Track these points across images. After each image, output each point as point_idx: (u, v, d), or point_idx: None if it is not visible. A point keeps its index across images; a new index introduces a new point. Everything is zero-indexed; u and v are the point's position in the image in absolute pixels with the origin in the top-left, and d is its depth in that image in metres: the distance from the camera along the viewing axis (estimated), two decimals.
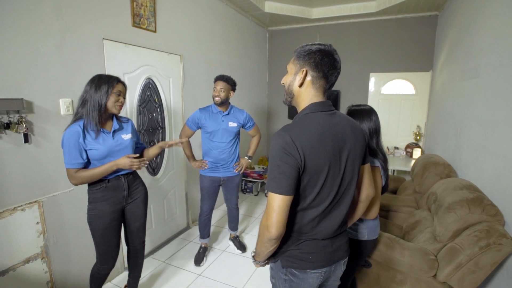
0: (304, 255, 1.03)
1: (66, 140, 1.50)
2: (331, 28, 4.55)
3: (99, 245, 1.70)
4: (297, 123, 0.98)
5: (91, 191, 1.65)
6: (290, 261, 1.05)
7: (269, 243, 0.97)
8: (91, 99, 1.52)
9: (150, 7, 2.47)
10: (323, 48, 0.99)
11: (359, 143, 1.05)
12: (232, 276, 2.41)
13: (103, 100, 1.54)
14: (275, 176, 0.92)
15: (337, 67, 1.00)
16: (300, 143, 0.91)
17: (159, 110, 2.76)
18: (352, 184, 1.05)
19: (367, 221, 1.51)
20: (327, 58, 0.98)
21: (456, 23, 2.97)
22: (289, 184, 0.91)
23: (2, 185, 1.59)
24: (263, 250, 1.02)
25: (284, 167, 0.91)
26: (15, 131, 1.59)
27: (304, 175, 0.94)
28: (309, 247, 1.03)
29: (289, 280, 1.07)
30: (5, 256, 1.62)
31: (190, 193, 3.25)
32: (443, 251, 1.67)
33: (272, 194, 0.93)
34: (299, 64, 1.02)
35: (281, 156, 0.91)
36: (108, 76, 1.59)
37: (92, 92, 1.53)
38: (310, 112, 1.00)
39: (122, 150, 1.67)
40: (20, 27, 1.60)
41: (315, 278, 1.06)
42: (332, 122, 0.99)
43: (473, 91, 2.31)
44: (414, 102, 4.23)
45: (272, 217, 0.92)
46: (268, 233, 0.94)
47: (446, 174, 2.44)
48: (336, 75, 1.01)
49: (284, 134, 0.93)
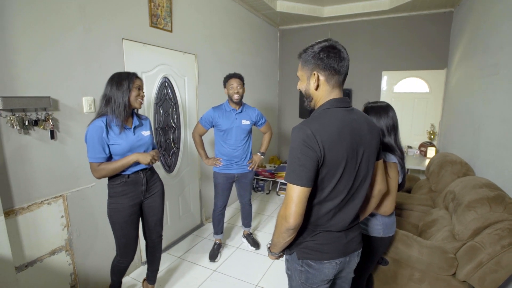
0: (319, 246, 1.07)
1: (90, 135, 1.55)
2: (342, 26, 4.53)
3: (119, 238, 1.75)
4: (317, 117, 1.01)
5: (111, 185, 1.70)
6: (305, 252, 1.08)
7: (286, 233, 1.00)
8: (115, 97, 1.57)
9: (167, 7, 2.52)
10: (324, 45, 1.01)
11: (374, 139, 1.09)
12: (246, 272, 2.43)
13: (126, 97, 1.59)
14: (295, 168, 0.95)
15: (344, 57, 1.01)
16: (320, 136, 0.94)
17: (174, 108, 2.81)
18: (367, 179, 1.08)
19: (383, 218, 1.51)
20: (333, 53, 1.00)
21: (473, 19, 2.92)
22: (308, 176, 0.94)
23: (30, 179, 1.65)
24: (280, 240, 1.05)
25: (304, 160, 0.94)
26: (42, 128, 1.66)
27: (322, 168, 0.97)
28: (324, 239, 1.07)
29: (305, 271, 1.10)
30: (33, 248, 1.69)
31: (204, 190, 3.30)
32: (463, 250, 1.65)
33: (292, 186, 0.96)
34: (308, 69, 1.05)
35: (302, 148, 0.94)
36: (126, 73, 1.64)
37: (114, 90, 1.58)
38: (330, 107, 1.03)
39: (142, 145, 1.73)
40: (47, 28, 1.66)
41: (330, 269, 1.09)
42: (350, 118, 1.03)
43: (492, 88, 2.28)
44: (428, 100, 4.18)
45: (291, 207, 0.95)
46: (287, 223, 0.97)
47: (464, 172, 2.41)
48: (347, 64, 1.03)
49: (305, 128, 0.95)
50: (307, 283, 1.11)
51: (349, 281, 1.25)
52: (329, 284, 1.15)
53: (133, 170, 1.71)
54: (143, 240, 1.99)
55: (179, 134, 2.90)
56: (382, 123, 1.47)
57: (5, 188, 1.54)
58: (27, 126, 1.59)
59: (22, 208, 1.62)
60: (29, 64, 1.60)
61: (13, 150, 1.57)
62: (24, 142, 1.61)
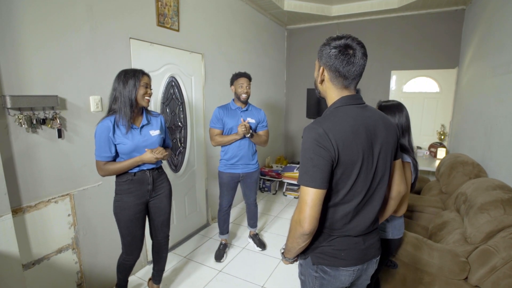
0: (336, 252, 1.01)
1: (98, 134, 1.56)
2: (351, 25, 4.48)
3: (124, 236, 1.75)
4: (328, 116, 0.97)
5: (118, 183, 1.70)
6: (321, 257, 1.03)
7: (301, 238, 0.95)
8: (121, 96, 1.57)
9: (174, 6, 2.52)
10: (339, 44, 0.96)
11: (391, 137, 1.03)
12: (252, 273, 2.41)
13: (132, 95, 1.58)
14: (308, 170, 0.90)
15: (354, 62, 0.94)
16: (333, 135, 0.89)
17: (181, 107, 2.81)
18: (385, 179, 1.03)
19: (392, 220, 1.48)
20: (343, 55, 0.94)
21: (486, 16, 2.84)
22: (322, 177, 0.89)
23: (38, 178, 1.67)
24: (294, 246, 1.00)
25: (317, 160, 0.89)
26: (50, 127, 1.67)
27: (337, 169, 0.92)
28: (342, 244, 1.01)
29: (320, 277, 1.04)
30: (41, 246, 1.70)
31: (210, 190, 3.29)
32: (475, 253, 1.60)
33: (305, 188, 0.91)
34: (319, 61, 1.03)
35: (314, 148, 0.89)
36: (133, 70, 1.62)
37: (121, 88, 1.57)
38: (341, 105, 0.99)
39: (148, 146, 1.70)
40: (54, 27, 1.67)
41: (347, 276, 1.03)
42: (364, 115, 0.98)
43: (506, 87, 2.21)
44: (438, 100, 4.09)
45: (305, 211, 0.90)
46: (301, 228, 0.92)
47: (475, 174, 2.35)
48: (356, 69, 0.96)
49: (316, 127, 0.91)
50: None
51: None
52: None
53: (139, 168, 1.71)
54: (149, 240, 1.98)
55: (186, 133, 2.90)
56: (397, 122, 1.43)
57: (13, 186, 1.56)
58: (35, 125, 1.60)
59: (29, 206, 1.63)
60: (36, 63, 1.61)
61: (21, 148, 1.58)
62: (32, 140, 1.62)
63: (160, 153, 1.66)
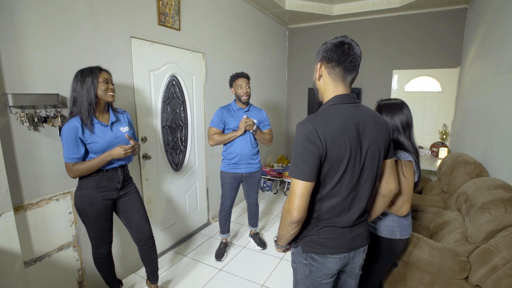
0: (323, 241, 1.08)
1: (64, 135, 1.52)
2: (352, 24, 4.47)
3: (94, 230, 1.71)
4: (321, 113, 1.02)
5: (86, 177, 1.64)
6: (310, 246, 1.09)
7: (290, 226, 1.03)
8: (80, 96, 1.53)
9: (175, 5, 2.53)
10: (335, 41, 1.02)
11: (382, 136, 1.06)
12: (253, 272, 2.42)
13: (91, 93, 1.54)
14: (298, 163, 0.96)
15: (349, 53, 1.00)
16: (322, 132, 0.95)
17: (182, 106, 2.81)
18: (371, 176, 1.07)
19: (399, 219, 1.46)
20: (338, 48, 1.00)
21: (488, 15, 2.83)
22: (310, 171, 0.95)
23: (39, 175, 1.68)
24: (285, 233, 1.07)
25: (306, 155, 0.95)
26: (51, 125, 1.68)
27: (325, 164, 0.98)
28: (329, 233, 1.07)
29: (309, 264, 1.11)
30: (42, 243, 1.71)
31: (211, 189, 3.30)
32: (476, 253, 1.60)
33: (295, 180, 0.97)
34: (317, 60, 1.08)
35: (304, 144, 0.95)
36: (90, 68, 1.58)
37: (79, 89, 1.54)
38: (334, 103, 1.04)
39: (121, 142, 1.68)
40: (56, 26, 1.69)
41: (334, 263, 1.09)
42: (356, 114, 1.02)
43: (508, 86, 2.20)
44: (440, 99, 4.07)
45: (294, 201, 0.97)
46: (290, 217, 0.99)
47: (477, 173, 2.33)
48: (352, 61, 1.01)
49: (307, 124, 0.97)
50: (311, 276, 1.12)
51: (355, 277, 1.23)
52: (333, 279, 1.15)
53: (111, 165, 1.68)
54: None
55: (187, 132, 2.90)
56: (397, 120, 1.42)
57: (15, 183, 1.57)
58: (37, 123, 1.62)
59: (31, 204, 1.64)
60: (38, 62, 1.62)
61: (23, 146, 1.59)
62: (34, 138, 1.63)
63: (130, 150, 1.63)
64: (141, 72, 2.30)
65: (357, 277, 1.24)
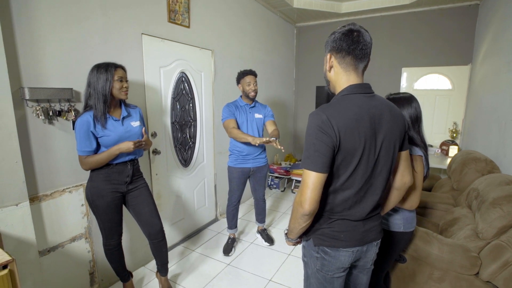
0: (336, 234, 1.05)
1: (78, 129, 1.57)
2: (361, 22, 4.42)
3: (104, 222, 1.74)
4: (334, 103, 0.99)
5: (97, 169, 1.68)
6: (322, 239, 1.07)
7: (302, 219, 1.00)
8: (95, 91, 1.57)
9: (185, 3, 2.56)
10: (343, 30, 0.99)
11: (398, 128, 1.04)
12: (260, 267, 2.43)
13: (106, 90, 1.58)
14: (311, 154, 0.94)
15: (359, 40, 0.97)
16: (336, 122, 0.92)
17: (191, 103, 2.84)
18: (386, 168, 1.04)
19: (404, 212, 1.46)
20: (346, 37, 0.98)
21: (501, 10, 2.78)
22: (323, 162, 0.93)
23: (53, 168, 1.73)
24: (296, 226, 1.05)
25: (319, 145, 0.92)
26: (65, 119, 1.72)
27: (338, 154, 0.95)
28: (341, 226, 1.05)
29: (321, 258, 1.09)
30: (55, 233, 1.76)
31: (219, 185, 3.32)
32: (487, 249, 1.57)
33: (307, 171, 0.95)
34: (327, 51, 1.06)
35: (317, 134, 0.93)
36: (106, 64, 1.60)
37: (94, 84, 1.57)
38: (348, 93, 1.01)
39: (131, 137, 1.71)
40: (71, 23, 1.73)
41: (346, 257, 1.07)
42: (370, 104, 0.99)
43: None
44: (451, 97, 4.01)
45: (306, 193, 0.94)
46: (302, 209, 0.96)
47: (488, 170, 2.30)
48: (362, 48, 0.98)
49: (320, 113, 0.94)
50: (323, 270, 1.09)
51: (367, 272, 1.22)
52: (345, 273, 1.12)
53: (120, 159, 1.71)
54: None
55: (195, 129, 2.94)
56: (406, 114, 1.42)
57: (31, 175, 1.62)
58: (51, 116, 1.66)
59: (45, 195, 1.69)
60: (53, 57, 1.67)
61: (38, 139, 1.64)
62: (48, 131, 1.68)
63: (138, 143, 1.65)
64: (152, 69, 2.34)
65: (369, 272, 1.22)
